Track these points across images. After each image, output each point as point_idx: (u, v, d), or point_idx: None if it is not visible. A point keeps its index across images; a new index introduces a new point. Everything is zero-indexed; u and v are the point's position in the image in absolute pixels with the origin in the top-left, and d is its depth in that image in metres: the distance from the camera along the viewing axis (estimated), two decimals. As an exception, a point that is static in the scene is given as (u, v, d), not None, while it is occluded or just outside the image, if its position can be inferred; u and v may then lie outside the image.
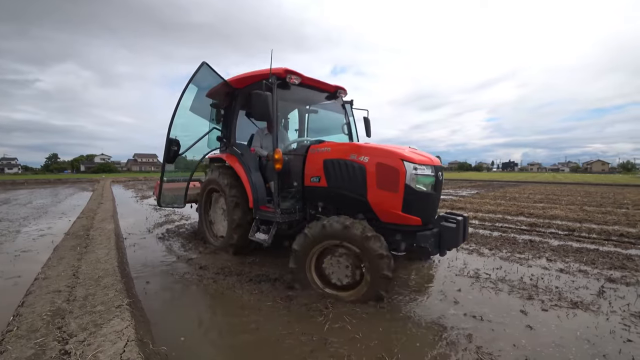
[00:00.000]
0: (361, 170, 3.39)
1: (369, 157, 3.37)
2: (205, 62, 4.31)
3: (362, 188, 3.40)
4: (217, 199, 5.30)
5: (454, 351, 2.44)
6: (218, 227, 5.33)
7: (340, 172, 3.57)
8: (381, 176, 3.28)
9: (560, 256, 5.00)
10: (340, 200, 3.69)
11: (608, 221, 8.14)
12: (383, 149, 3.38)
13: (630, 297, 3.49)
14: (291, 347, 2.49)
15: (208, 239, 5.33)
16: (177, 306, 3.20)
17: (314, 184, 3.84)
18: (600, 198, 14.50)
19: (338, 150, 3.67)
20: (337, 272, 3.27)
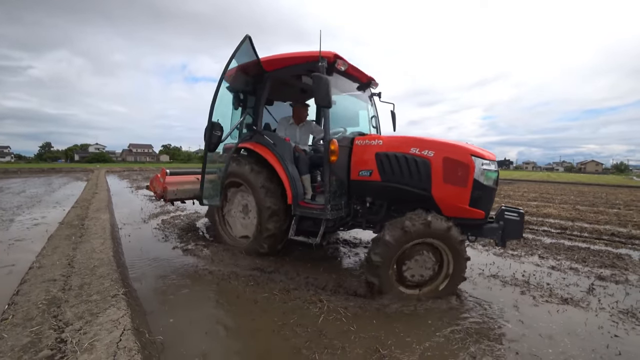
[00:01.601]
0: (425, 165, 3.33)
1: (435, 152, 3.32)
2: (249, 35, 3.69)
3: (426, 183, 3.34)
4: (234, 194, 4.70)
5: (448, 344, 2.49)
6: (236, 226, 4.72)
7: (399, 166, 3.46)
8: (449, 171, 3.25)
9: (552, 254, 5.08)
10: (395, 195, 3.60)
11: (600, 220, 8.26)
12: (450, 143, 3.38)
13: (619, 295, 3.56)
14: (286, 337, 2.52)
15: (224, 239, 4.72)
16: (172, 296, 3.20)
17: (363, 177, 3.66)
18: (592, 198, 14.67)
19: (393, 143, 3.56)
20: (416, 270, 3.23)
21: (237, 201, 4.67)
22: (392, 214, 3.71)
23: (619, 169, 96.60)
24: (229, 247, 4.55)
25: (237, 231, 4.70)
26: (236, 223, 4.72)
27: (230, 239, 4.69)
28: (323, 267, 4.07)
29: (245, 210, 4.59)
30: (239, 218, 4.67)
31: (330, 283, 3.53)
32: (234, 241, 4.65)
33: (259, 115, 4.39)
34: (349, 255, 4.82)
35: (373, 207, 3.86)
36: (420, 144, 3.41)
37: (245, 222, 4.61)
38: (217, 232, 4.84)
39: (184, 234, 5.56)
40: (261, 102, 4.33)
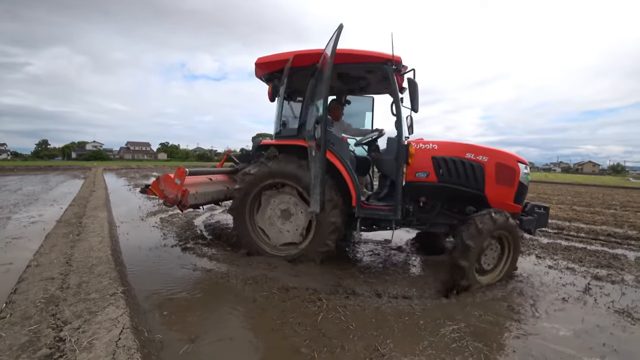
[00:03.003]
0: (480, 169, 3.78)
1: (488, 157, 3.80)
2: (342, 24, 3.47)
3: (480, 183, 3.79)
4: (268, 199, 4.24)
5: (445, 342, 2.50)
6: (275, 233, 4.28)
7: (456, 169, 3.79)
8: (500, 174, 3.81)
9: (549, 253, 5.11)
10: (451, 195, 3.92)
11: (596, 221, 8.31)
12: (499, 150, 3.94)
13: (615, 294, 3.59)
14: (286, 336, 2.53)
15: (262, 248, 4.22)
16: (171, 295, 3.20)
17: (420, 179, 3.85)
18: (589, 198, 14.76)
19: (448, 148, 3.88)
20: (488, 259, 3.71)
21: (274, 206, 4.24)
22: (443, 212, 4.06)
23: (615, 170, 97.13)
24: (268, 257, 4.13)
25: (278, 239, 4.26)
26: (274, 230, 4.27)
27: (270, 248, 4.24)
28: (322, 266, 4.06)
29: (286, 214, 4.20)
30: (277, 224, 4.24)
31: (330, 282, 3.54)
32: (275, 250, 4.22)
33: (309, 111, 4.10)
34: (349, 253, 4.83)
35: (426, 206, 4.04)
36: (475, 150, 3.84)
37: (286, 227, 4.22)
38: (251, 243, 4.23)
39: (182, 233, 5.55)
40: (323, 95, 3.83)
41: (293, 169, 3.96)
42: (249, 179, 4.10)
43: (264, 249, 4.21)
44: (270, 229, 4.28)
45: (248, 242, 4.24)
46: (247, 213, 4.20)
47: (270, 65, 4.22)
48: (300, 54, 3.97)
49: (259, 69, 4.37)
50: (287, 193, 4.17)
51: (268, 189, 4.19)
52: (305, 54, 3.97)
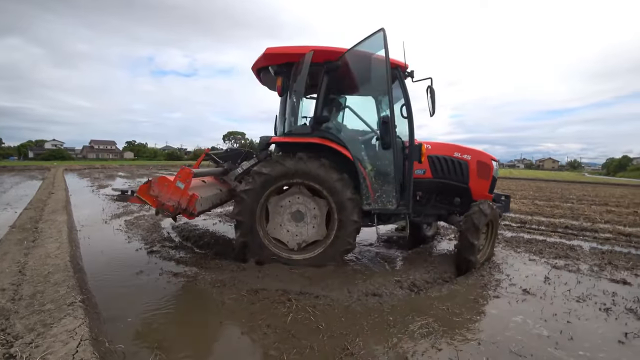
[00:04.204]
0: (466, 165, 4.51)
1: (471, 156, 4.55)
2: (384, 29, 3.57)
3: (466, 178, 4.52)
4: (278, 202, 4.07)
5: (414, 338, 2.54)
6: (284, 236, 4.09)
7: (447, 166, 4.45)
8: (480, 170, 4.57)
9: (513, 246, 5.35)
10: (442, 189, 4.57)
11: (555, 214, 8.80)
12: (478, 150, 4.68)
13: (572, 283, 3.81)
14: (255, 339, 2.49)
15: (277, 255, 3.95)
16: (136, 301, 3.05)
17: (418, 176, 4.31)
18: (549, 193, 15.62)
19: (440, 148, 4.51)
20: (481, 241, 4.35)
21: (283, 209, 4.07)
22: (435, 204, 4.67)
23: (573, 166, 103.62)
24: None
25: (290, 241, 4.10)
26: (282, 233, 4.09)
27: (285, 252, 4.02)
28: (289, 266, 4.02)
29: (298, 216, 4.06)
30: (291, 227, 4.09)
31: (300, 282, 3.51)
32: (293, 254, 4.03)
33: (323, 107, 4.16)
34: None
35: (422, 200, 4.57)
36: (460, 149, 4.58)
37: (299, 230, 4.08)
38: (263, 250, 3.94)
39: (148, 235, 5.34)
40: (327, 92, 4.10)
41: (315, 168, 3.79)
42: (262, 180, 3.80)
43: (277, 254, 3.95)
44: (284, 234, 4.08)
45: (259, 250, 3.92)
46: (258, 217, 3.89)
47: (282, 57, 4.03)
48: (319, 49, 3.87)
49: (267, 60, 4.11)
50: (296, 194, 4.03)
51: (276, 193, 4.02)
52: (325, 50, 3.90)
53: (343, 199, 3.81)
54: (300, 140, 3.96)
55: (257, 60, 4.24)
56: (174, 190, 3.45)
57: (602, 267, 4.41)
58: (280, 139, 4.12)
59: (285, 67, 4.09)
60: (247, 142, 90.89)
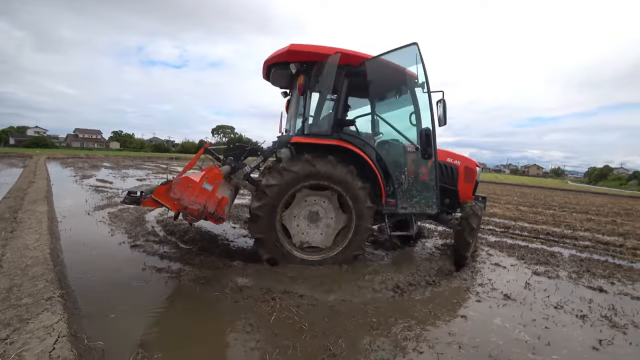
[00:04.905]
0: (456, 170, 4.89)
1: (460, 161, 4.92)
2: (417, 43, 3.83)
3: (455, 181, 4.89)
4: (301, 200, 4.05)
5: (394, 340, 2.57)
6: (302, 236, 4.08)
7: (442, 170, 4.78)
8: (467, 174, 4.92)
9: (496, 251, 5.45)
10: None
11: (538, 220, 9.01)
12: (465, 157, 5.05)
13: (551, 289, 3.90)
14: (237, 337, 2.48)
15: (292, 255, 3.92)
16: (117, 297, 3.00)
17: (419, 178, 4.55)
18: (533, 199, 15.96)
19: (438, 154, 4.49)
20: None
21: (299, 210, 4.06)
22: None
23: (556, 173, 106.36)
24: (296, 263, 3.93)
25: (325, 240, 4.15)
26: (299, 233, 4.09)
27: (327, 251, 4.07)
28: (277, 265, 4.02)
29: (314, 217, 4.08)
30: (314, 230, 4.12)
31: (283, 280, 3.50)
32: (333, 248, 4.09)
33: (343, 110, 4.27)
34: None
35: None
36: (452, 155, 4.97)
37: (322, 225, 4.11)
38: (278, 247, 3.88)
39: (132, 229, 5.25)
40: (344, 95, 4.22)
41: (343, 173, 3.89)
42: (290, 177, 3.76)
43: (293, 256, 3.93)
44: (296, 232, 4.06)
45: (273, 247, 3.85)
46: (278, 214, 3.85)
47: (305, 55, 4.00)
48: (345, 53, 3.93)
49: (289, 56, 4.03)
50: (315, 195, 4.06)
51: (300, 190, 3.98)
52: (351, 55, 4.00)
53: (358, 196, 3.96)
54: (320, 142, 3.96)
55: (276, 55, 4.17)
56: (200, 192, 3.20)
57: (580, 275, 4.53)
58: (300, 139, 4.02)
59: (307, 65, 4.08)
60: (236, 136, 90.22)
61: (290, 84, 4.96)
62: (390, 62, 4.13)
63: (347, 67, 4.04)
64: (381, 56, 4.03)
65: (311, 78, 4.09)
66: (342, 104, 4.17)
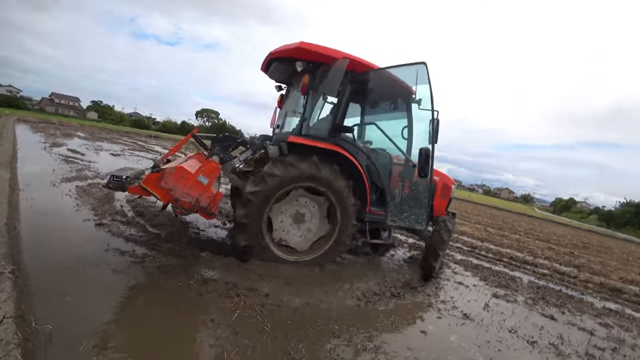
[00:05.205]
0: (434, 185, 4.87)
1: (439, 178, 5.02)
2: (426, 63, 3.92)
3: (432, 196, 4.88)
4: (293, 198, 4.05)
5: (355, 349, 2.60)
6: (282, 233, 4.06)
7: None
8: (443, 190, 5.09)
9: (461, 269, 5.61)
10: None
11: (503, 244, 9.34)
12: (444, 174, 5.21)
13: (507, 313, 4.05)
14: (197, 332, 2.43)
15: (270, 250, 3.89)
16: (74, 278, 2.86)
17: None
18: (501, 222, 16.55)
19: None
20: None
21: (287, 207, 4.05)
22: None
23: (525, 199, 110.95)
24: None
25: (303, 244, 4.17)
26: (285, 234, 4.10)
27: (302, 255, 4.10)
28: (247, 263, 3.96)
29: (299, 219, 4.11)
30: (295, 232, 4.12)
31: (250, 277, 3.46)
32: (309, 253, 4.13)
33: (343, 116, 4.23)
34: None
35: None
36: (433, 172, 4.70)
37: (304, 229, 4.15)
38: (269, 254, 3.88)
39: (99, 206, 5.04)
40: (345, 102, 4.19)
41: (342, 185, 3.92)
42: (294, 173, 3.70)
43: (295, 259, 4.01)
44: (281, 233, 4.05)
45: (254, 236, 3.77)
46: (270, 205, 3.78)
47: (314, 55, 3.95)
48: (354, 60, 3.97)
49: (298, 53, 3.98)
50: (303, 196, 4.07)
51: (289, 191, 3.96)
52: (357, 62, 4.02)
53: (344, 197, 3.99)
54: (318, 145, 3.91)
55: (284, 50, 4.11)
56: (194, 184, 3.09)
57: (535, 301, 4.73)
58: (298, 139, 3.90)
59: (313, 65, 4.06)
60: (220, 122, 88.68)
61: (288, 79, 4.95)
62: (392, 74, 4.25)
63: (351, 73, 4.03)
64: (388, 69, 4.14)
65: (316, 79, 4.08)
66: (342, 110, 4.15)
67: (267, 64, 4.56)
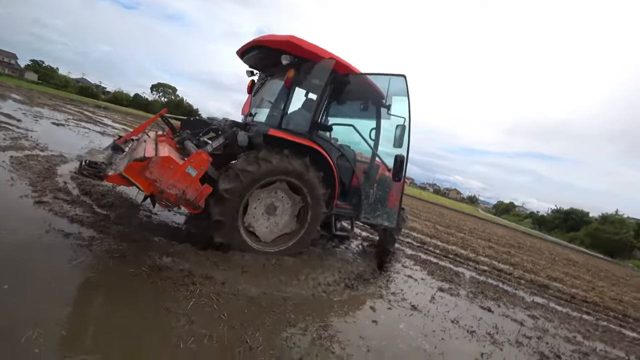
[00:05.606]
0: (391, 181, 4.86)
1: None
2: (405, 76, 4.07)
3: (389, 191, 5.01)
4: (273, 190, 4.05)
5: (310, 338, 2.66)
6: (252, 219, 3.99)
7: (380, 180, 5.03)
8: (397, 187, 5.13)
9: (411, 264, 5.91)
10: None
11: (450, 241, 9.97)
12: None
13: (451, 305, 4.37)
14: (150, 321, 2.34)
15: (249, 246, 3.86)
16: (9, 263, 2.60)
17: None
18: (449, 221, 17.60)
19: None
20: None
21: (257, 203, 4.00)
22: None
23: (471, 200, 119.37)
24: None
25: (268, 236, 4.11)
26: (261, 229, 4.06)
27: (265, 246, 4.04)
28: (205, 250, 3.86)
29: (271, 209, 4.08)
30: (263, 222, 4.08)
31: (206, 264, 3.37)
32: (272, 246, 4.09)
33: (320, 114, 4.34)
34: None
35: None
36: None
37: (272, 222, 4.12)
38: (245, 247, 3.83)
39: (39, 181, 4.58)
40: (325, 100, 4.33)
41: (302, 168, 3.90)
42: (249, 178, 3.62)
43: (258, 248, 3.93)
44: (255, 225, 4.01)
45: (239, 247, 3.78)
46: (239, 216, 3.72)
47: (303, 51, 3.95)
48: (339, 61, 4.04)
49: (287, 46, 3.94)
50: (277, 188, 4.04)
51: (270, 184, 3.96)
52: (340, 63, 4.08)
53: (316, 189, 4.04)
54: (297, 141, 3.93)
55: (273, 40, 4.04)
56: (181, 176, 2.92)
57: (475, 295, 5.14)
58: (278, 133, 3.87)
59: (299, 60, 4.05)
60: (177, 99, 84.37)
61: (264, 68, 4.96)
62: (369, 79, 4.41)
63: (334, 73, 4.10)
64: (369, 75, 4.30)
65: (300, 74, 4.11)
66: (322, 108, 4.26)
67: (248, 49, 4.47)
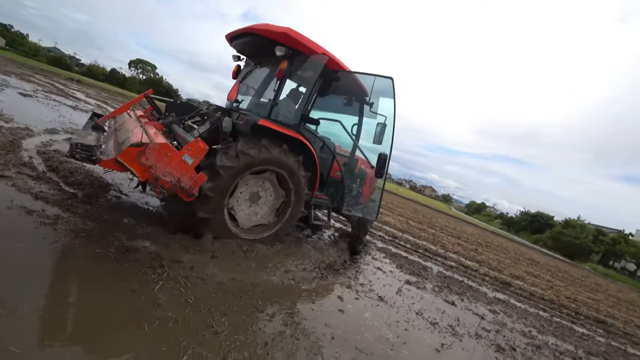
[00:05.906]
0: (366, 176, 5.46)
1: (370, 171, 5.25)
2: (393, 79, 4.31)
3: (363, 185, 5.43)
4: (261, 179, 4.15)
5: (277, 325, 2.70)
6: (242, 217, 4.10)
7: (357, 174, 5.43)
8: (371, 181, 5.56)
9: (381, 256, 6.06)
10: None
11: (421, 237, 10.26)
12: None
13: (417, 297, 4.53)
14: (115, 303, 2.31)
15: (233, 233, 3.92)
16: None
17: (338, 177, 5.04)
18: (422, 217, 18.06)
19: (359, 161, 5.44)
20: None
21: (244, 189, 4.06)
22: None
23: (445, 198, 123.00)
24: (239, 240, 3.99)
25: (246, 222, 4.14)
26: (241, 214, 4.09)
27: (241, 232, 4.05)
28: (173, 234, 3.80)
29: (254, 197, 4.15)
30: (244, 208, 4.13)
31: (175, 247, 3.34)
32: (247, 233, 4.11)
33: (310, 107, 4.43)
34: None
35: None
36: (366, 164, 5.37)
37: (252, 210, 4.19)
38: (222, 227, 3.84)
39: (2, 154, 4.33)
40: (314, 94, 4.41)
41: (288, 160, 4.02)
42: (247, 161, 3.67)
43: (235, 232, 3.96)
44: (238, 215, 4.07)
45: (218, 227, 3.79)
46: (227, 195, 3.76)
47: (297, 44, 4.01)
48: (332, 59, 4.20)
49: (282, 37, 3.96)
50: (262, 178, 4.14)
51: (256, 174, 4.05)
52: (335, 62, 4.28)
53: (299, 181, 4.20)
54: (286, 132, 3.97)
55: (268, 29, 3.99)
56: (178, 164, 2.89)
57: (441, 289, 5.34)
58: (268, 123, 3.85)
59: (292, 53, 4.08)
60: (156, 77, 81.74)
61: (252, 55, 5.00)
62: (356, 77, 4.55)
63: (325, 68, 4.19)
64: (358, 74, 4.45)
65: (292, 66, 4.17)
66: (311, 101, 4.34)
67: (239, 34, 4.41)
